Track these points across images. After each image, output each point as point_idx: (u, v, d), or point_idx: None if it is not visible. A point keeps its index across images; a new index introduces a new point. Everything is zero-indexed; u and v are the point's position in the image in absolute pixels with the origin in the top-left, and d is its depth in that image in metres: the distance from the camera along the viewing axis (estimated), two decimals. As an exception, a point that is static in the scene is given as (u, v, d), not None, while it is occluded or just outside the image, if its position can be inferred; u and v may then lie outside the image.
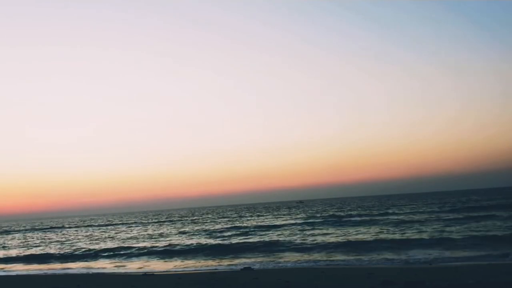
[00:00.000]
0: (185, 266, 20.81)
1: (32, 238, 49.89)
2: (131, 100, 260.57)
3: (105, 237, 42.33)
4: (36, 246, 37.63)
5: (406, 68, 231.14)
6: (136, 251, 27.34)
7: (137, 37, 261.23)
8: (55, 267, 23.48)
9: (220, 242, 29.77)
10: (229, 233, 35.60)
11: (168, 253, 25.75)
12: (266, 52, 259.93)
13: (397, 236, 25.27)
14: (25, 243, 42.06)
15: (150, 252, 26.43)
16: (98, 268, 22.30)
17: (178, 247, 28.00)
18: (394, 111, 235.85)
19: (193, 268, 19.74)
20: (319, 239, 27.03)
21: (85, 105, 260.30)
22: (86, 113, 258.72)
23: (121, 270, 20.73)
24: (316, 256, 20.58)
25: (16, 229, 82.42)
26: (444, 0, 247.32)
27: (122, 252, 27.65)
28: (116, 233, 47.41)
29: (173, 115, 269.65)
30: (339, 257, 19.73)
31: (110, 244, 33.65)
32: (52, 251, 31.79)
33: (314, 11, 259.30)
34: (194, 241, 31.72)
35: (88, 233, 51.97)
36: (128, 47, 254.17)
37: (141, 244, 31.79)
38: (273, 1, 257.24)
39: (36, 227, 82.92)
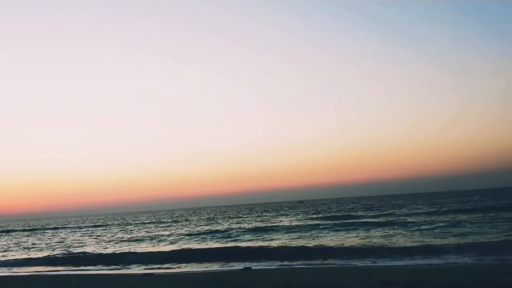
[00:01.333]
0: (185, 267, 20.81)
1: (20, 240, 49.87)
2: (131, 100, 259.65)
3: (103, 239, 42.28)
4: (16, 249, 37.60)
5: (406, 68, 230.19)
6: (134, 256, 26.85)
7: (137, 37, 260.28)
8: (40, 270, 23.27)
9: (221, 244, 29.74)
10: (229, 234, 35.55)
11: (172, 256, 25.09)
12: (266, 52, 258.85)
13: (399, 238, 25.26)
14: (15, 245, 42.07)
15: (151, 257, 25.30)
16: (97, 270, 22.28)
17: (174, 248, 27.90)
18: (394, 111, 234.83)
19: (193, 269, 19.72)
20: (318, 241, 27.01)
21: (85, 105, 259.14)
22: (86, 113, 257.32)
23: (121, 271, 20.72)
24: (315, 257, 20.46)
25: (10, 229, 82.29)
26: None
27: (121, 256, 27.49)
28: (114, 234, 47.35)
29: (173, 115, 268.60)
30: (339, 260, 19.62)
31: (110, 249, 33.58)
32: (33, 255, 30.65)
33: (314, 11, 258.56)
34: (195, 242, 31.71)
35: (85, 235, 51.86)
36: (128, 47, 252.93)
37: (141, 247, 31.75)
38: (273, 1, 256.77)
39: (29, 228, 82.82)
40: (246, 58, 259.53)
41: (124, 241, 36.73)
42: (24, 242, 44.20)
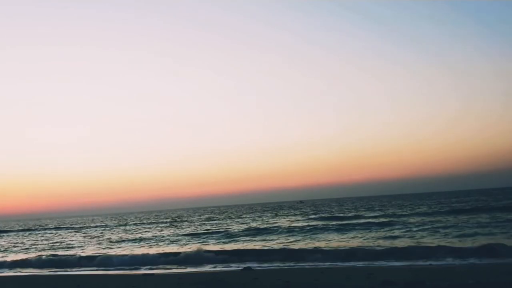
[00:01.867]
0: (185, 267, 20.79)
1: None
2: (131, 100, 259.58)
3: (103, 239, 42.25)
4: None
5: (406, 68, 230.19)
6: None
7: (137, 37, 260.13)
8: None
9: (221, 244, 29.71)
10: (229, 234, 35.53)
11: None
12: (266, 52, 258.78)
13: (399, 238, 25.24)
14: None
15: (151, 257, 25.20)
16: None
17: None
18: (394, 111, 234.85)
19: (193, 269, 19.72)
20: (318, 241, 26.99)
21: (85, 105, 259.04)
22: (86, 113, 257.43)
23: (121, 271, 20.70)
24: (315, 258, 20.40)
25: (9, 229, 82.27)
26: None
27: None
28: (114, 234, 47.32)
29: (173, 115, 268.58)
30: (339, 260, 19.54)
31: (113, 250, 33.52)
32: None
33: (314, 11, 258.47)
34: (195, 242, 31.71)
35: (85, 235, 51.84)
36: (128, 47, 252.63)
37: (141, 247, 31.74)
38: (273, 1, 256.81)
39: (28, 228, 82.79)
40: (246, 58, 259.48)
41: (124, 241, 36.71)
42: (24, 243, 44.20)
